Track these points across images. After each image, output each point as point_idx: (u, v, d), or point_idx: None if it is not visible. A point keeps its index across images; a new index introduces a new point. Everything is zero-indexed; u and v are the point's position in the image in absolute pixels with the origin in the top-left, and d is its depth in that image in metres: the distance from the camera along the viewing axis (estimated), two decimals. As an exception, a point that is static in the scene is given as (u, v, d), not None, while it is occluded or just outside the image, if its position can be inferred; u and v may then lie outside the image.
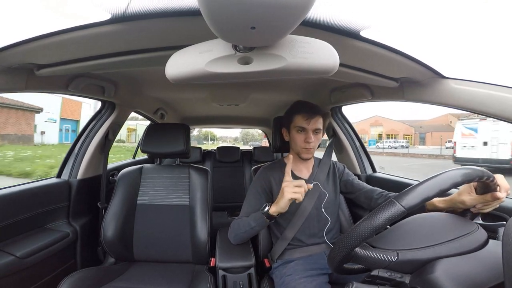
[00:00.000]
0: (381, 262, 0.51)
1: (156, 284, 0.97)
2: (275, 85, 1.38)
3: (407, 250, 0.50)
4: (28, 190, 1.04)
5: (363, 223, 0.49)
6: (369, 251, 0.53)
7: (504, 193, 0.61)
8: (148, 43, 0.67)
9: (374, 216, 0.48)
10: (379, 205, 0.49)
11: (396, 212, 0.46)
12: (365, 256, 0.52)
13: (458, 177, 0.49)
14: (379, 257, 0.51)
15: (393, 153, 19.37)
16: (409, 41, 0.66)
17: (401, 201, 0.47)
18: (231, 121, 2.65)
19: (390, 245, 0.53)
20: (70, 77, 0.96)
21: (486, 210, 0.64)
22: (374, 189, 1.02)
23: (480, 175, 0.52)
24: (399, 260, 0.50)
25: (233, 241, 1.01)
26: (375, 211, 0.49)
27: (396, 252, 0.50)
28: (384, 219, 0.47)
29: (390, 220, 0.47)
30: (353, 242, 0.49)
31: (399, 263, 0.50)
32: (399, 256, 0.50)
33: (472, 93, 0.74)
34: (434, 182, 0.48)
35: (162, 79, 0.72)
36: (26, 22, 0.58)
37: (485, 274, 0.44)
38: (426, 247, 0.50)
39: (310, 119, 0.95)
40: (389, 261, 0.50)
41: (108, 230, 1.11)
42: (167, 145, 1.21)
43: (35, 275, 0.96)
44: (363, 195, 1.03)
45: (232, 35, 0.46)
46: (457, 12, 0.56)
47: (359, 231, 0.49)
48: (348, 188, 1.08)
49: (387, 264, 0.50)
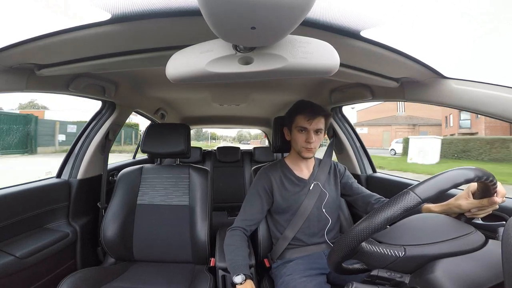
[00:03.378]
0: (387, 257, 0.49)
1: (156, 284, 0.97)
2: (275, 85, 1.38)
3: (415, 246, 0.50)
4: (28, 190, 1.04)
5: (379, 212, 0.47)
6: (376, 246, 0.51)
7: (501, 198, 0.61)
8: (148, 43, 0.67)
9: (390, 206, 0.47)
10: (394, 196, 0.48)
11: (412, 202, 0.46)
12: (371, 251, 0.51)
13: (471, 174, 0.49)
14: (387, 252, 0.49)
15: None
16: (410, 41, 0.66)
17: (418, 192, 0.47)
18: (231, 121, 2.65)
19: (397, 241, 0.52)
20: (70, 77, 0.96)
21: (480, 215, 0.65)
22: (372, 194, 1.02)
23: (489, 176, 0.52)
24: (406, 256, 0.48)
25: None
26: (391, 201, 0.47)
27: (403, 248, 0.49)
28: (400, 209, 0.46)
29: (406, 211, 0.46)
30: (366, 232, 0.47)
31: (405, 259, 0.49)
32: (406, 252, 0.49)
33: (473, 93, 0.74)
34: (449, 175, 0.49)
35: (163, 79, 0.72)
36: (27, 22, 0.58)
37: (485, 274, 0.44)
38: (433, 243, 0.50)
39: (312, 119, 0.95)
40: (396, 256, 0.49)
41: (108, 230, 1.11)
42: (167, 145, 1.21)
43: (35, 275, 0.96)
44: (360, 199, 1.03)
45: (233, 35, 0.46)
46: (457, 12, 0.56)
47: (374, 221, 0.47)
48: (347, 190, 1.08)
49: (394, 259, 0.49)
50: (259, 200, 1.01)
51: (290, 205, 0.99)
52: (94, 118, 1.33)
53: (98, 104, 1.33)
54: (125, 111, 1.42)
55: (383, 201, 0.97)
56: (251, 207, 1.00)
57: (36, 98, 3.99)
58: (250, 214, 1.00)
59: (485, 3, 0.57)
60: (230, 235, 0.97)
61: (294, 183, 1.02)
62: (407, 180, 1.24)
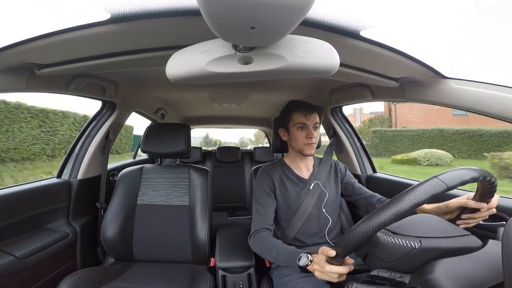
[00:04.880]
0: (402, 249, 0.49)
1: (156, 284, 0.97)
2: (275, 85, 1.38)
3: (431, 238, 0.50)
4: (28, 190, 1.04)
5: (404, 196, 0.46)
6: (391, 236, 0.50)
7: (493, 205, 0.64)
8: (148, 43, 0.68)
9: (416, 190, 0.47)
10: (420, 182, 0.48)
11: (439, 188, 0.46)
12: (386, 242, 0.50)
13: (486, 173, 0.51)
14: (402, 243, 0.49)
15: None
16: (410, 41, 0.66)
17: (444, 179, 0.48)
18: (231, 121, 2.65)
19: (412, 232, 0.51)
20: (70, 77, 0.96)
21: (472, 223, 0.67)
22: (374, 195, 1.02)
23: (493, 177, 0.54)
24: (422, 248, 0.48)
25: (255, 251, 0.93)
26: (416, 186, 0.47)
27: (419, 239, 0.49)
28: (426, 194, 0.46)
29: (432, 196, 0.46)
30: (389, 216, 0.46)
31: (420, 251, 0.48)
32: (422, 243, 0.49)
33: (473, 93, 0.74)
34: (469, 170, 0.50)
35: (163, 79, 0.72)
36: (27, 22, 0.58)
37: (485, 274, 0.44)
38: (448, 237, 0.50)
39: (309, 114, 0.96)
40: (412, 247, 0.48)
41: (108, 230, 1.11)
42: (168, 145, 1.21)
43: (35, 275, 0.96)
44: (363, 200, 1.03)
45: (232, 35, 0.46)
46: (457, 11, 0.56)
47: (400, 205, 0.46)
48: (348, 191, 1.07)
49: (409, 250, 0.48)
50: (269, 198, 0.98)
51: (290, 205, 0.99)
52: (95, 118, 1.33)
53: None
54: (125, 111, 1.42)
55: (384, 201, 0.96)
56: (265, 207, 0.96)
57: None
58: (266, 214, 0.95)
59: (485, 3, 0.57)
60: (257, 239, 0.89)
61: (294, 182, 1.02)
62: (407, 181, 1.24)
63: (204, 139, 38.06)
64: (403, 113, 15.12)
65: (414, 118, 14.62)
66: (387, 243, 0.50)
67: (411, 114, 14.80)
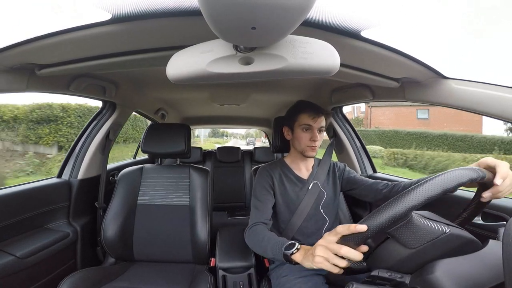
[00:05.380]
0: (434, 232, 0.48)
1: (156, 284, 0.97)
2: (275, 86, 1.38)
3: (456, 227, 0.51)
4: (29, 190, 1.04)
5: (448, 173, 0.48)
6: (424, 219, 0.50)
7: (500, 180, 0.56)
8: (148, 43, 0.68)
9: (458, 170, 0.48)
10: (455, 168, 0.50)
11: (480, 175, 0.50)
12: (419, 223, 0.49)
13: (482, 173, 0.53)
14: (434, 226, 0.49)
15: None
16: (410, 41, 0.66)
17: (481, 170, 0.52)
18: (232, 121, 2.66)
19: (440, 219, 0.52)
20: (71, 77, 0.96)
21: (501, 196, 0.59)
22: (378, 181, 1.00)
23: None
24: (452, 233, 0.48)
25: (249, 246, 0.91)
26: (455, 169, 0.49)
27: (447, 226, 0.49)
28: (468, 177, 0.48)
29: (472, 180, 0.49)
30: (433, 191, 0.45)
31: (449, 236, 0.48)
32: (451, 230, 0.49)
33: (473, 93, 0.74)
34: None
35: (163, 79, 0.71)
36: (27, 22, 0.58)
37: (485, 274, 0.44)
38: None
39: (316, 117, 0.96)
40: (443, 231, 0.48)
41: (108, 230, 1.11)
42: (168, 145, 1.21)
43: (35, 275, 0.96)
44: (367, 188, 1.00)
45: (233, 35, 0.46)
46: (457, 12, 0.56)
47: (445, 178, 0.46)
48: (351, 184, 1.06)
49: (440, 234, 0.48)
50: (268, 195, 0.98)
51: (289, 205, 0.99)
52: (95, 118, 1.34)
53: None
54: (125, 111, 1.42)
55: (391, 185, 0.94)
56: (263, 203, 0.96)
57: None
58: (264, 210, 0.94)
59: (485, 3, 0.57)
60: (251, 232, 0.88)
61: (293, 182, 1.02)
62: (407, 180, 1.24)
63: (212, 129, 39.24)
64: (377, 115, 16.98)
65: (386, 120, 16.45)
66: (420, 225, 0.49)
67: (383, 117, 16.68)
